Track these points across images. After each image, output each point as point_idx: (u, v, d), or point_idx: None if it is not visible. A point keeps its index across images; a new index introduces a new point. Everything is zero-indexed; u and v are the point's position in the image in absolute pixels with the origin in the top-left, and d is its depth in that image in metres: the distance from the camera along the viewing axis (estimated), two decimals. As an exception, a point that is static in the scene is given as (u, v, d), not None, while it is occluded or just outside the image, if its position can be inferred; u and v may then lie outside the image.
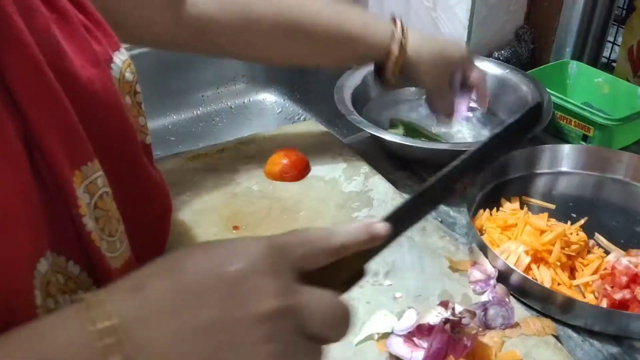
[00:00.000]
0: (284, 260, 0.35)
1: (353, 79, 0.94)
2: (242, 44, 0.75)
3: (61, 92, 0.38)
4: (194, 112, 1.44)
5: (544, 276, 0.65)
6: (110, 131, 0.44)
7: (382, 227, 0.42)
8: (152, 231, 0.53)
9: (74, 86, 0.40)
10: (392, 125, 0.92)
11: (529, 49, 1.07)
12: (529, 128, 0.64)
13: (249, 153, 0.87)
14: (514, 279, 0.64)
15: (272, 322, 0.32)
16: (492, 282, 0.64)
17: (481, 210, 0.75)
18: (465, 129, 0.93)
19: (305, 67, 1.11)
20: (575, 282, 0.65)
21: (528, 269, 0.66)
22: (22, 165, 0.36)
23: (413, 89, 1.00)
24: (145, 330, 0.31)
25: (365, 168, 0.83)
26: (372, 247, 0.43)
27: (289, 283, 0.34)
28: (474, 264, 0.66)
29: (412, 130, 0.90)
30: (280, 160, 0.82)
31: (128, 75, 0.47)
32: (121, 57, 0.47)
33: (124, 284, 0.33)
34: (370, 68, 0.97)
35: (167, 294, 0.32)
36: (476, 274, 0.65)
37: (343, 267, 0.41)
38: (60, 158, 0.38)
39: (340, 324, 0.36)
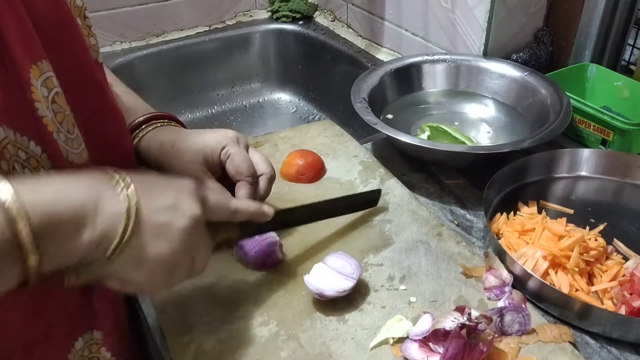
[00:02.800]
0: (202, 195, 0.52)
1: (370, 80, 0.94)
2: None
3: (19, 1, 0.46)
4: (209, 110, 1.45)
5: (561, 282, 0.64)
6: (62, 40, 0.51)
7: (270, 210, 0.59)
8: (112, 143, 0.60)
9: (29, 1, 0.47)
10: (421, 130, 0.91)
11: (547, 51, 1.06)
12: (366, 206, 0.75)
13: (264, 152, 0.87)
14: (531, 284, 0.63)
15: (194, 223, 0.49)
16: (507, 289, 0.63)
17: (498, 214, 0.74)
18: (486, 133, 0.92)
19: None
20: (593, 289, 0.64)
21: (546, 274, 0.65)
22: None
23: (433, 91, 1.00)
24: (139, 197, 0.46)
25: (381, 170, 0.83)
26: (248, 226, 0.59)
27: (203, 211, 0.51)
28: (489, 269, 0.65)
29: (439, 133, 0.89)
30: (296, 161, 0.81)
31: (78, 2, 0.55)
32: None
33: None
34: (387, 69, 0.97)
35: (153, 185, 0.49)
36: (491, 280, 0.64)
37: (224, 230, 0.56)
38: (18, 50, 0.45)
39: (203, 267, 0.53)
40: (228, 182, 0.70)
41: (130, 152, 0.63)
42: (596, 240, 0.68)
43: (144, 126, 0.69)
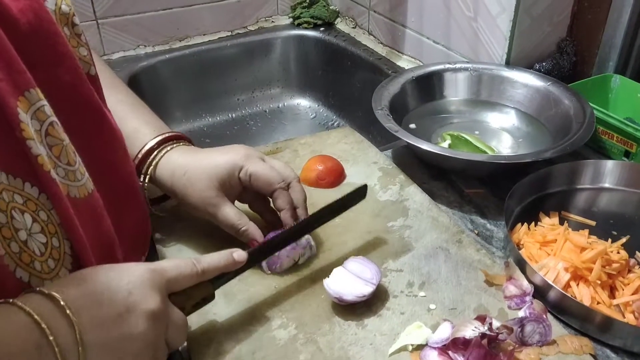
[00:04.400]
0: (159, 279, 0.49)
1: (392, 87, 0.94)
2: None
3: None
4: (229, 115, 1.46)
5: (583, 294, 0.63)
6: (50, 59, 0.47)
7: (241, 256, 0.58)
8: (113, 167, 0.57)
9: (6, 17, 0.43)
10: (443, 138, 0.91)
11: (571, 61, 1.06)
12: (356, 201, 0.72)
13: (284, 159, 0.88)
14: (552, 295, 0.63)
15: (153, 319, 0.46)
16: (528, 298, 0.63)
17: (519, 224, 0.74)
18: (508, 143, 0.92)
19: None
20: (615, 302, 0.64)
21: (567, 286, 0.64)
22: None
23: (454, 99, 1.00)
24: (78, 314, 0.42)
25: (401, 177, 0.83)
26: (224, 274, 0.57)
27: (164, 297, 0.49)
28: (510, 278, 0.65)
29: (460, 142, 0.89)
30: (316, 167, 0.82)
31: (64, 8, 0.50)
32: None
33: (65, 280, 0.45)
34: (409, 77, 0.97)
35: (89, 296, 0.44)
36: (512, 289, 0.64)
37: (197, 292, 0.55)
38: (2, 84, 0.41)
39: (182, 340, 0.52)
40: (249, 199, 0.71)
41: (131, 174, 0.61)
42: (618, 252, 0.68)
43: (155, 153, 0.67)
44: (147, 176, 0.67)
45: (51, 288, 0.43)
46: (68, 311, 0.42)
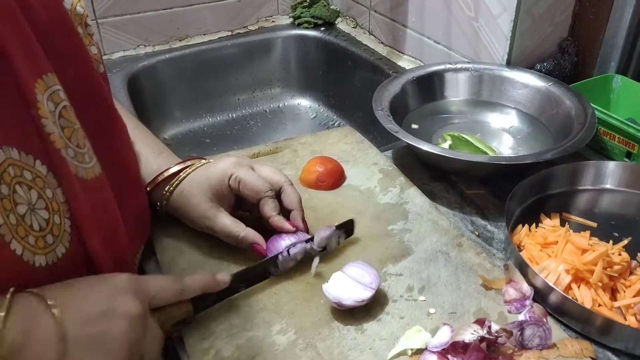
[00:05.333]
0: (142, 289, 0.50)
1: (392, 87, 0.93)
2: None
3: (19, 11, 0.45)
4: (230, 114, 1.46)
5: (584, 296, 0.63)
6: (66, 51, 0.51)
7: (224, 277, 0.59)
8: (118, 155, 0.59)
9: (29, 9, 0.46)
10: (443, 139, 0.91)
11: (572, 61, 1.05)
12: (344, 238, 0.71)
13: (284, 159, 0.87)
14: (553, 298, 0.62)
15: (133, 323, 0.47)
16: (528, 302, 0.62)
17: (520, 226, 0.73)
18: (509, 144, 0.92)
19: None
20: (616, 304, 0.63)
21: (568, 288, 0.64)
22: None
23: (455, 100, 1.00)
24: (66, 311, 0.44)
25: (401, 179, 0.83)
26: (206, 297, 0.58)
27: (145, 306, 0.49)
28: (509, 281, 0.65)
29: (461, 142, 0.89)
30: (316, 168, 0.81)
31: (79, 9, 0.54)
32: None
33: (50, 285, 0.46)
34: (409, 77, 0.97)
35: (73, 294, 0.46)
36: (511, 293, 0.64)
37: (177, 311, 0.55)
38: (22, 65, 0.44)
39: (156, 356, 0.51)
40: (246, 207, 0.71)
41: (135, 166, 0.63)
42: (620, 254, 0.67)
43: (167, 188, 0.69)
44: (165, 201, 0.70)
45: (37, 290, 0.44)
46: (50, 301, 0.43)
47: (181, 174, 0.69)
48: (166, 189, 0.69)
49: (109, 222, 0.54)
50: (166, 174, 0.69)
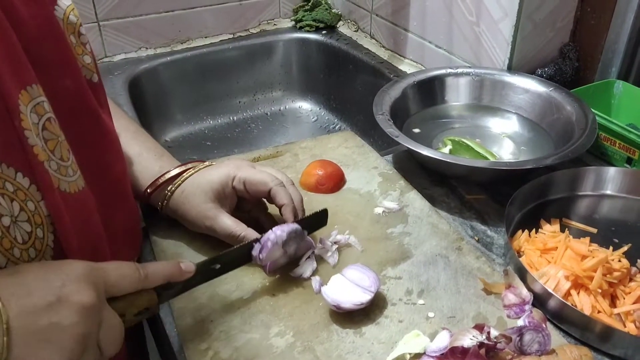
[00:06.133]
0: (98, 276, 0.47)
1: (393, 92, 0.93)
2: None
3: (5, 21, 0.44)
4: (231, 117, 1.46)
5: (583, 303, 0.63)
6: (53, 62, 0.50)
7: (189, 266, 0.56)
8: (106, 168, 0.58)
9: (17, 19, 0.46)
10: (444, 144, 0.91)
11: (573, 66, 1.05)
12: (316, 227, 0.71)
13: (284, 163, 0.87)
14: (552, 304, 0.62)
15: (85, 314, 0.44)
16: (527, 307, 0.62)
17: (520, 231, 0.73)
18: (510, 149, 0.92)
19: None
20: (616, 311, 0.63)
21: (567, 294, 0.64)
22: None
23: (456, 104, 0.99)
24: (10, 301, 0.41)
25: (401, 182, 0.83)
26: (172, 286, 0.56)
27: (100, 295, 0.46)
28: (509, 287, 0.65)
29: (461, 147, 0.89)
30: (316, 172, 0.81)
31: (72, 18, 0.53)
32: (65, 2, 0.53)
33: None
34: (410, 81, 0.97)
35: (19, 284, 0.43)
36: (511, 298, 0.63)
37: (139, 300, 0.52)
38: (6, 76, 0.43)
39: (116, 347, 0.48)
40: (246, 208, 0.72)
41: (123, 179, 0.62)
42: (620, 261, 0.67)
43: (170, 188, 0.70)
44: (166, 201, 0.70)
45: None
46: None
47: (184, 174, 0.70)
48: (168, 189, 0.69)
49: (91, 237, 0.53)
50: (167, 176, 0.70)
